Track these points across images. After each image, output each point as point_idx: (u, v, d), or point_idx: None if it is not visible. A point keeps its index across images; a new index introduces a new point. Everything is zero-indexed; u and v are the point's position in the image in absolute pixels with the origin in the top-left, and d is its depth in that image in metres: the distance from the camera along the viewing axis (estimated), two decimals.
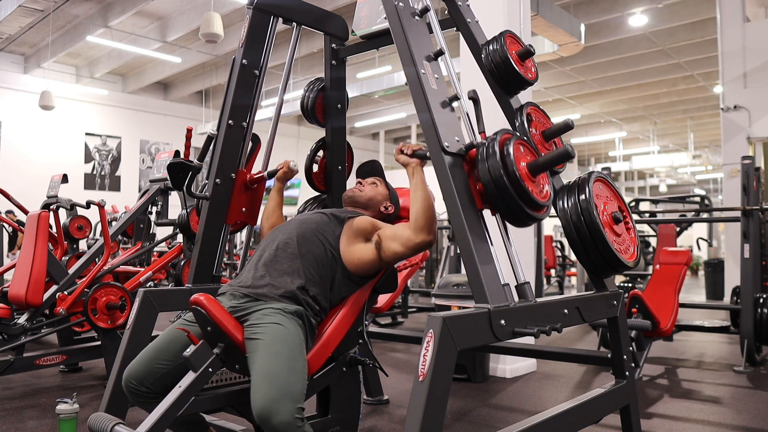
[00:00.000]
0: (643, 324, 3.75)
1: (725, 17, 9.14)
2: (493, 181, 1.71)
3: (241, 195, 2.41)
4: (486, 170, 1.72)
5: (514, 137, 1.79)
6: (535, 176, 1.79)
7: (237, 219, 2.43)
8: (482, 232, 1.73)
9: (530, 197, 1.73)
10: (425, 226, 1.83)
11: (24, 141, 12.50)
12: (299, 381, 1.60)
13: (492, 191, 1.73)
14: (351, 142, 2.81)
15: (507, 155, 1.72)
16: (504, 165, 1.71)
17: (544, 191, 1.83)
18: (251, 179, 2.43)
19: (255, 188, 2.46)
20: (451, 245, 6.52)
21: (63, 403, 2.35)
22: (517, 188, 1.71)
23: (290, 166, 2.35)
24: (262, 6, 2.40)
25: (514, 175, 1.70)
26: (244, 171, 2.42)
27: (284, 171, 2.35)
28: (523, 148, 1.82)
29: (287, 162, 2.35)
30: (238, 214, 2.42)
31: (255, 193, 2.47)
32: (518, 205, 1.73)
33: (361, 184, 2.21)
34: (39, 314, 3.44)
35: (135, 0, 9.31)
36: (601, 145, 20.72)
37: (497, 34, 2.25)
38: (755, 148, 9.00)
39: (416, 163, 1.91)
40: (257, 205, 2.48)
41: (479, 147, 1.78)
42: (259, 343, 1.67)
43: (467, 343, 1.51)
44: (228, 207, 2.38)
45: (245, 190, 2.42)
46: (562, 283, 9.99)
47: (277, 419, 1.48)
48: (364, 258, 1.93)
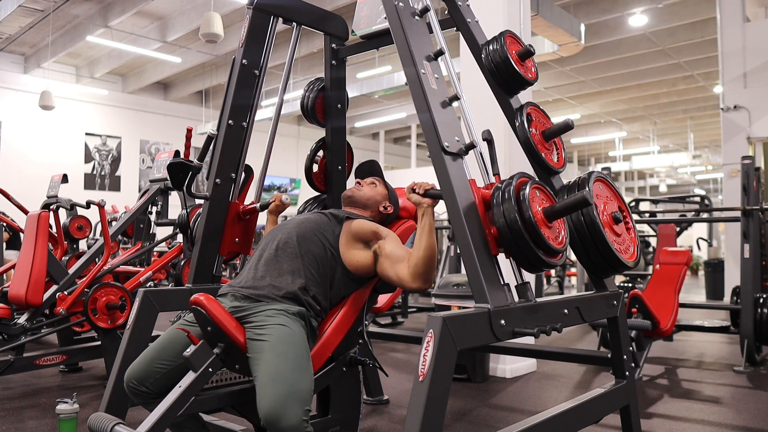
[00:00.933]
0: (643, 324, 3.75)
1: (725, 17, 9.14)
2: (508, 225, 1.67)
3: (234, 226, 2.40)
4: (501, 214, 1.68)
5: (531, 181, 1.75)
6: (551, 222, 1.74)
7: (230, 249, 2.41)
8: (482, 232, 1.73)
9: (546, 244, 1.68)
10: (423, 275, 1.81)
11: (24, 141, 12.50)
12: (306, 382, 1.60)
13: (507, 236, 1.68)
14: (351, 142, 2.81)
15: (523, 200, 1.67)
16: (520, 210, 1.66)
17: (560, 237, 1.77)
18: (244, 210, 2.41)
19: (248, 219, 2.45)
20: (451, 245, 6.52)
21: (63, 403, 2.35)
22: (532, 234, 1.66)
23: (282, 200, 2.33)
24: (262, 6, 2.40)
25: (529, 220, 1.65)
26: (237, 202, 2.40)
27: (276, 204, 2.33)
28: (539, 193, 1.77)
29: (279, 195, 2.34)
30: (231, 244, 2.40)
31: (248, 224, 2.45)
32: (533, 252, 1.68)
33: (360, 184, 2.21)
34: (39, 314, 3.44)
35: (135, 0, 9.31)
36: (601, 145, 20.72)
37: (497, 34, 2.25)
38: (755, 148, 9.00)
39: (428, 203, 1.83)
40: (250, 236, 2.47)
41: (495, 191, 1.74)
42: (264, 344, 1.66)
43: (467, 343, 1.51)
44: (227, 201, 2.37)
45: (238, 221, 2.41)
46: (562, 283, 9.98)
47: (285, 422, 1.47)
48: (362, 263, 1.94)
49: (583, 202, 1.69)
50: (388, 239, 1.93)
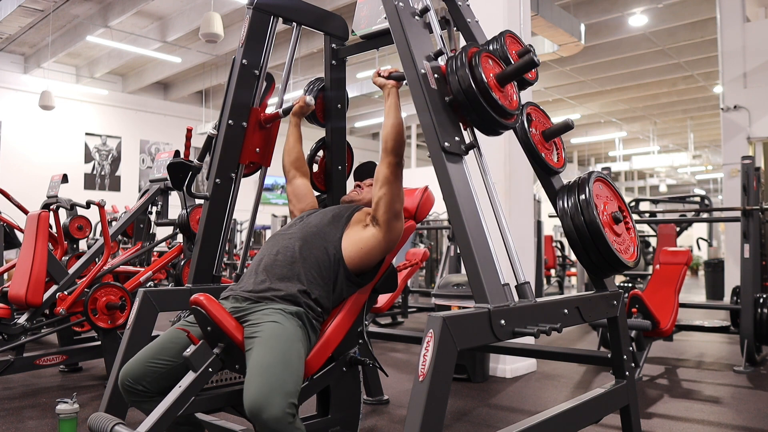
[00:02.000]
0: (643, 324, 3.75)
1: (725, 17, 9.14)
2: (463, 91, 1.78)
3: (255, 134, 2.35)
4: (456, 81, 1.79)
5: (482, 50, 1.87)
6: (503, 86, 1.86)
7: (250, 159, 2.37)
8: (482, 232, 1.73)
9: (499, 105, 1.80)
10: (394, 148, 1.92)
11: (24, 141, 12.50)
12: (292, 377, 1.59)
13: (463, 101, 1.79)
14: (351, 142, 2.81)
15: (475, 66, 1.78)
16: (473, 75, 1.77)
17: (513, 100, 1.91)
18: (265, 118, 2.37)
19: (269, 128, 2.40)
20: (451, 245, 6.52)
21: (63, 403, 2.35)
22: (486, 97, 1.78)
23: (306, 101, 2.33)
24: (262, 6, 2.40)
25: (482, 84, 1.77)
26: (258, 109, 2.36)
27: (300, 105, 2.32)
28: (491, 61, 1.88)
29: (303, 97, 2.33)
30: (251, 154, 2.36)
31: (269, 133, 2.41)
32: (488, 114, 1.80)
33: (360, 187, 2.21)
34: (39, 314, 3.44)
35: (135, 0, 9.31)
36: (601, 145, 20.73)
37: (497, 34, 2.25)
38: (755, 148, 9.00)
39: (392, 84, 2.00)
40: (271, 146, 2.43)
41: (449, 60, 1.85)
42: (255, 340, 1.67)
43: (467, 343, 1.51)
44: (227, 201, 2.36)
45: (259, 130, 2.36)
46: (562, 283, 9.99)
47: (267, 414, 1.47)
48: (366, 244, 1.93)
49: (531, 62, 1.82)
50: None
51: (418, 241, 9.50)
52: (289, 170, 2.34)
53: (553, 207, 2.11)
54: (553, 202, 2.11)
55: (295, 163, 2.35)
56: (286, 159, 2.35)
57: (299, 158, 2.36)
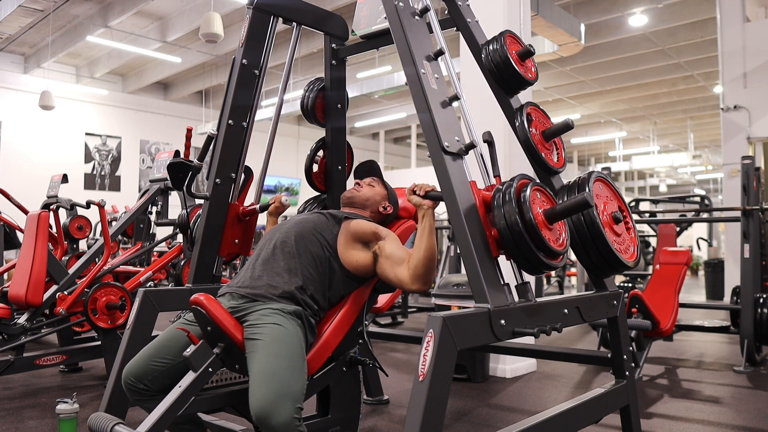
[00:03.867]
0: (643, 324, 3.75)
1: (725, 17, 9.14)
2: (509, 228, 1.66)
3: (234, 227, 2.40)
4: (502, 216, 1.67)
5: (532, 183, 1.74)
6: (552, 224, 1.73)
7: (230, 251, 2.42)
8: (482, 232, 1.73)
9: (547, 246, 1.67)
10: (423, 276, 1.81)
11: (24, 141, 12.50)
12: (298, 381, 1.60)
13: (508, 239, 1.67)
14: (351, 142, 2.81)
15: (524, 202, 1.66)
16: (521, 212, 1.65)
17: (560, 239, 1.76)
18: (244, 212, 2.41)
19: (247, 220, 2.45)
20: (451, 245, 6.52)
21: (63, 403, 2.35)
22: (533, 236, 1.65)
23: (282, 201, 2.34)
24: (262, 6, 2.40)
25: (530, 222, 1.64)
26: (236, 204, 2.40)
27: (276, 206, 2.34)
28: (540, 195, 1.76)
29: (279, 197, 2.35)
30: (231, 245, 2.41)
31: (248, 225, 2.45)
32: (534, 254, 1.67)
33: (359, 185, 2.21)
34: (39, 314, 3.44)
35: (135, 0, 9.31)
36: (601, 145, 20.72)
37: (497, 34, 2.25)
38: (755, 148, 9.00)
39: (429, 205, 1.83)
40: (250, 237, 2.47)
41: (495, 192, 1.73)
42: (258, 343, 1.67)
43: (467, 343, 1.51)
44: (227, 201, 2.37)
45: (238, 222, 2.41)
46: (562, 283, 9.98)
47: (276, 420, 1.48)
48: (361, 263, 1.94)
49: (584, 204, 1.68)
50: (388, 240, 1.93)
51: None
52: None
53: None
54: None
55: None
56: None
57: None
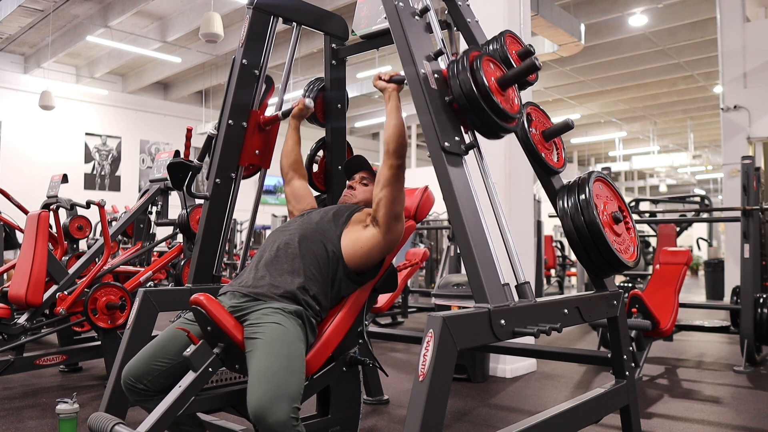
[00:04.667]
0: (643, 324, 3.75)
1: (725, 17, 9.14)
2: (464, 95, 1.78)
3: (254, 137, 2.37)
4: (458, 86, 1.79)
5: (484, 53, 1.86)
6: (504, 89, 1.86)
7: (250, 161, 2.38)
8: (482, 232, 1.73)
9: (501, 109, 1.79)
10: (396, 150, 1.90)
11: (24, 141, 12.50)
12: (296, 381, 1.60)
13: (464, 105, 1.79)
14: (351, 142, 2.81)
15: (477, 70, 1.78)
16: (474, 79, 1.77)
17: (514, 104, 1.91)
18: (265, 120, 2.38)
19: (268, 130, 2.41)
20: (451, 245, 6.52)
21: (63, 403, 2.35)
22: (487, 101, 1.77)
23: (305, 104, 2.34)
24: (262, 6, 2.40)
25: (484, 88, 1.76)
26: (257, 112, 2.37)
27: (300, 108, 2.34)
28: (492, 65, 1.88)
29: (302, 99, 2.35)
30: (251, 156, 2.37)
31: (268, 136, 2.41)
32: (490, 117, 1.80)
33: (353, 188, 2.22)
34: (39, 314, 3.44)
35: (135, 0, 9.31)
36: (601, 145, 20.72)
37: (497, 34, 2.25)
38: (755, 148, 9.00)
39: (393, 88, 1.98)
40: (270, 148, 2.43)
41: (450, 63, 1.84)
42: (257, 342, 1.67)
43: (467, 343, 1.51)
44: (227, 201, 2.37)
45: (258, 132, 2.37)
46: (562, 283, 9.99)
47: (272, 418, 1.48)
48: (366, 243, 1.92)
49: (532, 66, 1.81)
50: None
51: (418, 241, 9.50)
52: (287, 172, 2.35)
53: (553, 207, 2.11)
54: (553, 202, 2.11)
55: (293, 166, 2.36)
56: (285, 161, 2.36)
57: (297, 161, 2.37)
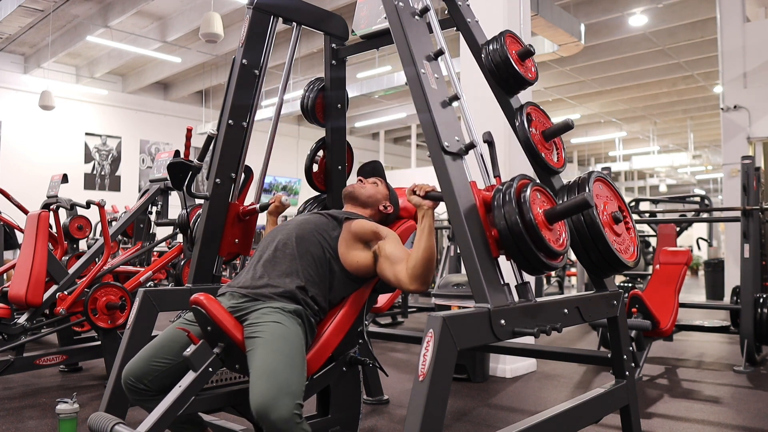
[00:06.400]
0: (643, 324, 3.75)
1: (725, 17, 9.14)
2: (509, 228, 1.66)
3: (234, 227, 2.40)
4: (502, 217, 1.67)
5: (532, 183, 1.74)
6: (552, 224, 1.73)
7: (230, 250, 2.42)
8: (482, 232, 1.73)
9: (547, 246, 1.67)
10: (421, 277, 1.80)
11: (24, 141, 12.50)
12: (298, 378, 1.60)
13: (508, 239, 1.67)
14: (351, 142, 2.81)
15: (524, 203, 1.66)
16: (521, 212, 1.65)
17: (561, 240, 1.77)
18: (244, 211, 2.41)
19: (247, 220, 2.45)
20: (451, 245, 6.52)
21: (63, 403, 2.35)
22: (533, 237, 1.65)
23: (282, 201, 2.34)
24: (262, 6, 2.40)
25: (530, 223, 1.64)
26: (236, 203, 2.40)
27: (276, 205, 2.34)
28: (540, 195, 1.76)
29: (279, 196, 2.35)
30: (231, 245, 2.41)
31: (248, 225, 2.45)
32: (534, 254, 1.67)
33: (362, 181, 2.22)
34: (39, 314, 3.44)
35: (135, 0, 9.31)
36: (601, 145, 20.72)
37: (497, 34, 2.25)
38: (755, 148, 9.00)
39: (428, 206, 1.83)
40: (250, 236, 2.47)
41: (496, 193, 1.73)
42: (258, 341, 1.67)
43: (467, 343, 1.51)
44: (227, 201, 2.37)
45: (238, 222, 2.41)
46: (562, 283, 9.98)
47: (275, 415, 1.48)
48: (362, 263, 1.94)
49: (584, 204, 1.68)
50: (388, 240, 1.93)
51: None
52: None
53: None
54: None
55: None
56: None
57: None
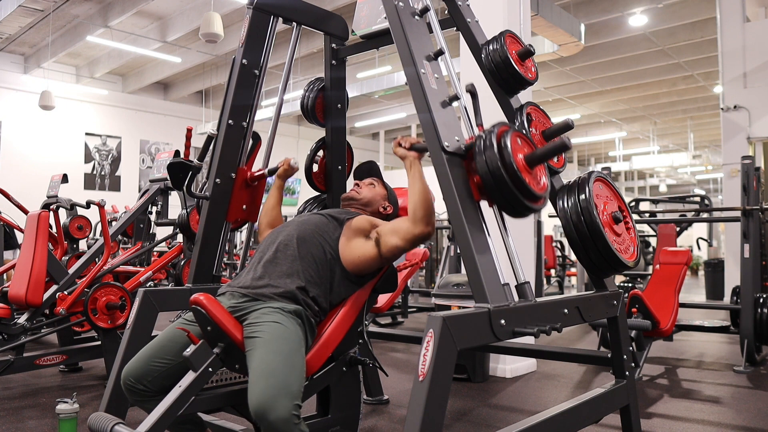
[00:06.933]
0: (643, 324, 3.75)
1: (725, 17, 9.14)
2: (490, 172, 1.71)
3: (242, 192, 2.41)
4: (483, 162, 1.72)
5: (512, 129, 1.79)
6: (532, 168, 1.80)
7: (237, 217, 2.43)
8: (482, 232, 1.73)
9: (528, 188, 1.73)
10: (424, 218, 1.84)
11: (24, 141, 12.49)
12: (297, 378, 1.60)
13: (489, 183, 1.73)
14: (351, 142, 2.81)
15: (504, 147, 1.71)
16: (501, 157, 1.70)
17: (541, 183, 1.83)
18: (252, 177, 2.43)
19: (255, 186, 2.46)
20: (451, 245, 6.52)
21: (63, 403, 2.35)
22: (514, 180, 1.71)
23: (291, 164, 2.35)
24: (262, 6, 2.40)
25: (511, 166, 1.70)
26: (245, 169, 2.42)
27: (285, 168, 2.35)
28: (520, 141, 1.82)
29: (287, 160, 2.35)
30: (238, 211, 2.42)
31: (255, 191, 2.46)
32: (516, 197, 1.73)
33: (359, 186, 2.21)
34: (39, 314, 3.44)
35: (135, 0, 9.31)
36: (601, 145, 20.72)
37: (497, 34, 2.26)
38: (755, 148, 9.00)
39: (414, 156, 1.92)
40: (258, 203, 2.48)
41: (477, 139, 1.78)
42: (257, 341, 1.67)
43: (467, 343, 1.51)
44: (228, 205, 2.38)
45: (245, 188, 2.42)
46: (562, 283, 9.98)
47: (274, 415, 1.48)
48: (364, 255, 1.93)
49: (563, 146, 1.76)
50: (384, 224, 1.98)
51: None
52: (263, 231, 2.33)
53: (553, 207, 2.11)
54: (553, 202, 2.11)
55: (271, 225, 2.33)
56: (264, 220, 2.35)
57: (276, 221, 2.34)
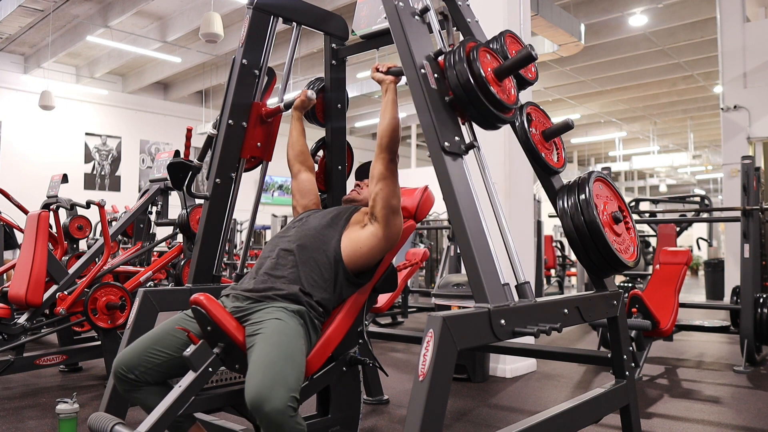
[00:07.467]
0: (643, 324, 3.75)
1: (725, 17, 9.14)
2: (461, 85, 1.78)
3: (256, 128, 2.35)
4: (454, 76, 1.79)
5: (479, 44, 1.86)
6: (501, 80, 1.87)
7: (252, 154, 2.37)
8: (482, 232, 1.73)
9: (497, 99, 1.80)
10: (389, 145, 1.91)
11: (24, 141, 12.49)
12: (294, 371, 1.59)
13: (461, 96, 1.79)
14: (351, 142, 2.81)
15: (474, 60, 1.78)
16: (471, 69, 1.77)
17: (510, 94, 1.92)
18: (267, 112, 2.36)
19: (270, 122, 2.39)
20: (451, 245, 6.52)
21: (63, 403, 2.35)
22: (484, 91, 1.77)
23: (308, 95, 2.31)
24: (262, 6, 2.40)
25: (480, 78, 1.76)
26: (259, 104, 2.36)
27: (302, 99, 2.31)
28: (489, 56, 1.89)
29: (305, 91, 2.32)
30: (253, 148, 2.36)
31: (270, 128, 2.40)
32: (486, 108, 1.80)
33: (360, 186, 2.21)
34: (39, 314, 3.44)
35: (135, 0, 9.31)
36: (601, 145, 20.72)
37: (497, 34, 2.25)
38: (755, 148, 9.00)
39: (390, 80, 1.98)
40: (272, 140, 2.42)
41: (446, 54, 1.84)
42: (258, 336, 1.68)
43: (467, 343, 1.51)
44: (227, 201, 2.36)
45: (260, 124, 2.36)
46: (562, 283, 9.98)
47: (269, 406, 1.47)
48: (367, 242, 1.92)
49: (528, 56, 1.82)
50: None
51: (418, 241, 9.49)
52: (294, 164, 2.33)
53: (553, 207, 2.11)
54: (553, 202, 2.11)
55: (299, 157, 2.33)
56: (291, 153, 2.34)
57: (303, 152, 2.34)
